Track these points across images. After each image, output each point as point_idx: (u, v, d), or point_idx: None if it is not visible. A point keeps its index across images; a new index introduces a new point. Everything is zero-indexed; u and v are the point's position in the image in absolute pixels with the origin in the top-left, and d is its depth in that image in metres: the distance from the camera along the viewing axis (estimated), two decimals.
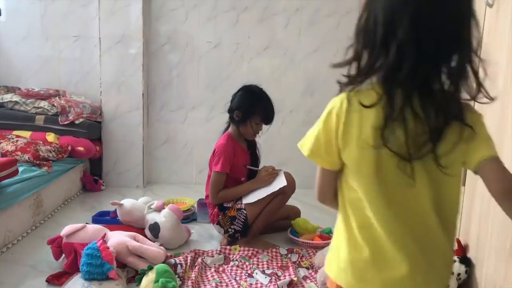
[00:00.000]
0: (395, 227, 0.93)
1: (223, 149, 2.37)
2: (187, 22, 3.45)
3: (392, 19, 0.89)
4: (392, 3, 0.90)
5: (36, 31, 3.47)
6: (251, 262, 2.19)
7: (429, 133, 0.90)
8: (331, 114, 0.98)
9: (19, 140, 2.84)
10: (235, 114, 2.40)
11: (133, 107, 3.38)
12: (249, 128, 2.41)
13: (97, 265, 1.84)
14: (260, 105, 2.40)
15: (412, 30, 0.88)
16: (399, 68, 0.89)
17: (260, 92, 2.44)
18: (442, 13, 0.89)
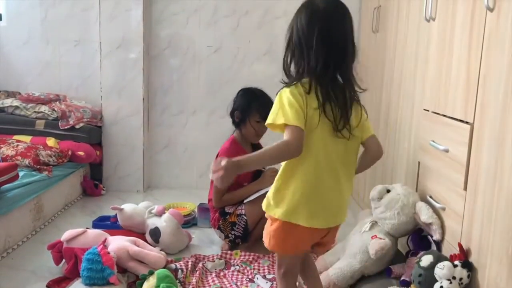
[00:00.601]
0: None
1: (226, 153, 2.37)
2: (188, 26, 3.45)
3: (306, 37, 1.41)
4: (303, 26, 1.42)
5: (36, 36, 3.48)
6: (252, 267, 2.18)
7: (341, 111, 1.43)
8: (295, 94, 1.40)
9: (19, 144, 2.84)
10: (235, 116, 2.43)
11: (134, 112, 3.38)
12: (250, 128, 2.41)
13: (97, 270, 1.83)
14: (257, 102, 2.41)
15: (321, 43, 1.40)
16: (315, 70, 1.41)
17: (256, 91, 2.47)
18: (338, 31, 1.42)
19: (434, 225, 1.80)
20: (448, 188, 1.77)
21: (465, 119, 1.65)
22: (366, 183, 2.95)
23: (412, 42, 2.23)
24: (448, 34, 1.80)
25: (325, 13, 1.42)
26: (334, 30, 1.42)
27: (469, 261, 1.59)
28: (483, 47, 1.53)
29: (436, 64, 1.93)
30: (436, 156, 1.85)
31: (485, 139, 1.51)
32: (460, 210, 1.67)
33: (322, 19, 1.41)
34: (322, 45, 1.39)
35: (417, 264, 1.70)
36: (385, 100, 2.62)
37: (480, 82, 1.55)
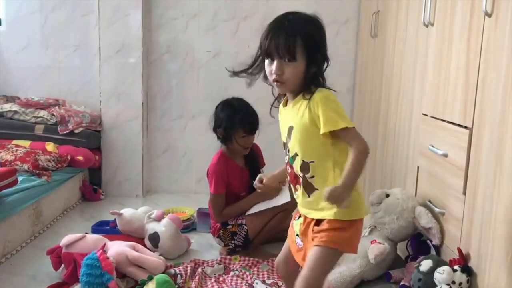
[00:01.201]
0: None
1: (214, 169, 2.34)
2: (187, 31, 3.46)
3: (325, 50, 1.46)
4: (324, 39, 1.48)
5: (36, 41, 3.49)
6: (251, 272, 2.18)
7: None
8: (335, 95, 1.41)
9: (18, 149, 2.84)
10: (219, 133, 2.35)
11: (133, 116, 3.38)
12: (236, 144, 2.33)
13: (96, 276, 1.83)
14: (237, 117, 2.30)
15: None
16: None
17: (235, 103, 2.36)
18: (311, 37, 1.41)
19: (434, 230, 1.80)
20: (447, 193, 1.77)
21: (464, 123, 1.65)
22: (365, 188, 2.96)
23: (411, 47, 2.24)
24: (447, 39, 1.81)
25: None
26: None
27: (468, 265, 1.59)
28: (481, 52, 1.54)
29: (434, 69, 1.93)
30: (435, 161, 1.85)
31: (484, 144, 1.51)
32: (460, 214, 1.67)
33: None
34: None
35: (416, 269, 1.70)
36: (384, 105, 2.63)
37: (478, 87, 1.55)
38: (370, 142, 2.86)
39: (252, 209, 2.35)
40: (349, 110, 3.51)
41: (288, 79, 1.38)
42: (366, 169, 2.95)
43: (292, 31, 1.38)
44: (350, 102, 3.50)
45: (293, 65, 1.37)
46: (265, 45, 1.42)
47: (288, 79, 1.38)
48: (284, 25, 1.41)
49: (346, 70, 3.46)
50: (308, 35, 1.39)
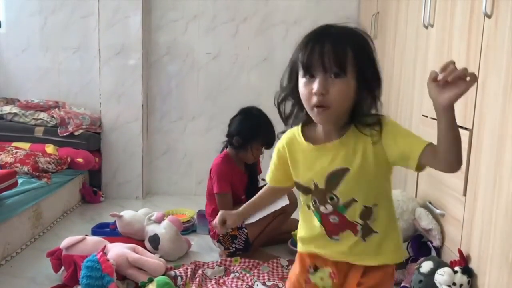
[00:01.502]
0: None
1: (218, 169, 2.35)
2: (187, 33, 3.46)
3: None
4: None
5: (36, 43, 3.49)
6: (252, 273, 2.18)
7: None
8: None
9: (18, 151, 2.83)
10: (235, 140, 2.35)
11: (133, 118, 3.38)
12: (249, 154, 2.37)
13: (97, 278, 1.83)
14: (261, 130, 2.33)
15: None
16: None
17: (259, 116, 2.38)
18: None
19: (434, 231, 1.80)
20: (448, 194, 1.77)
21: (464, 125, 1.65)
22: None
23: (411, 48, 2.24)
24: (447, 40, 1.81)
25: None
26: None
27: (469, 267, 1.59)
28: (481, 53, 1.54)
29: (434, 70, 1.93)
30: None
31: (484, 145, 1.51)
32: (460, 216, 1.67)
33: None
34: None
35: (417, 270, 1.70)
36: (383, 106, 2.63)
37: (478, 88, 1.55)
38: None
39: (252, 217, 2.34)
40: None
41: (336, 100, 1.04)
42: None
43: (340, 39, 1.06)
44: None
45: (342, 82, 1.04)
46: (303, 57, 1.07)
47: (336, 101, 1.04)
48: (330, 33, 1.08)
49: None
50: (360, 46, 1.08)
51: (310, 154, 1.15)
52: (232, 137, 2.36)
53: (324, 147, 1.12)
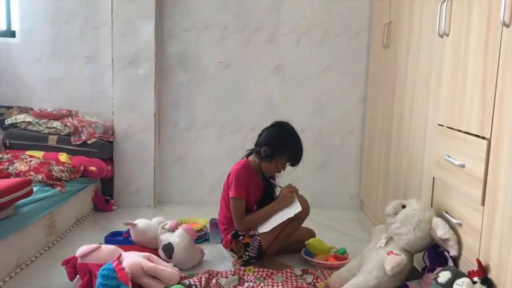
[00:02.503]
0: None
1: (237, 174, 2.35)
2: (199, 42, 3.49)
3: None
4: None
5: (49, 52, 3.53)
6: (266, 283, 2.17)
7: None
8: None
9: (32, 160, 2.85)
10: (263, 150, 2.36)
11: (145, 127, 3.40)
12: (273, 166, 2.38)
13: (113, 286, 1.83)
14: (291, 146, 2.37)
15: None
16: None
17: (291, 132, 2.40)
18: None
19: (451, 241, 1.78)
20: (465, 204, 1.76)
21: (481, 134, 1.64)
22: (378, 199, 2.94)
23: (425, 57, 2.24)
24: (463, 49, 1.81)
25: None
26: None
27: (488, 277, 1.57)
28: (499, 62, 1.53)
29: (450, 79, 1.93)
30: (452, 171, 1.84)
31: (503, 154, 1.50)
32: (478, 225, 1.65)
33: None
34: None
35: (434, 281, 1.68)
36: (396, 115, 2.63)
37: (496, 97, 1.55)
38: (383, 152, 2.85)
39: (265, 226, 2.34)
40: (360, 121, 3.51)
41: None
42: (380, 180, 2.94)
43: None
44: (362, 113, 3.50)
45: None
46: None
47: None
48: None
49: (358, 80, 3.46)
50: None
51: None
52: (261, 146, 2.37)
53: None
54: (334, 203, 3.57)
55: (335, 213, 3.41)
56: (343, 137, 3.55)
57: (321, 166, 3.55)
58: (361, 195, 3.53)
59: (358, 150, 3.55)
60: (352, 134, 3.54)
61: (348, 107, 3.50)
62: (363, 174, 3.49)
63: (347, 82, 3.47)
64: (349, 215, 3.40)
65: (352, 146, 3.56)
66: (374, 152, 3.15)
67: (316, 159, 3.50)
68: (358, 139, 3.54)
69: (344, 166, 3.58)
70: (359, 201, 3.59)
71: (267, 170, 2.41)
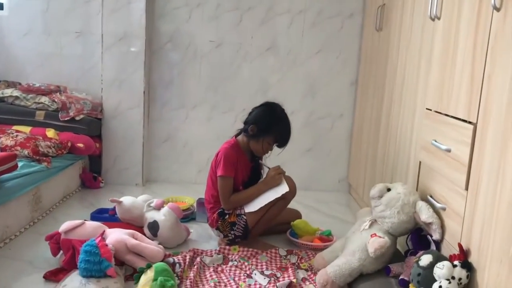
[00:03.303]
0: None
1: (226, 153, 2.34)
2: (190, 21, 3.44)
3: None
4: None
5: (38, 27, 3.47)
6: (250, 262, 2.18)
7: None
8: None
9: (18, 135, 2.82)
10: (250, 128, 2.35)
11: (134, 105, 3.37)
12: (260, 146, 2.37)
13: (95, 262, 1.82)
14: (278, 127, 2.35)
15: None
16: None
17: (281, 114, 2.38)
18: None
19: (434, 225, 1.79)
20: (449, 188, 1.76)
21: (468, 118, 1.64)
22: (366, 182, 2.95)
23: (416, 40, 2.22)
24: (453, 33, 1.79)
25: None
26: None
27: (468, 261, 1.58)
28: (488, 46, 1.52)
29: (440, 63, 1.92)
30: (438, 156, 1.84)
31: (488, 139, 1.50)
32: (461, 210, 1.66)
33: None
34: None
35: (416, 264, 1.70)
36: (387, 99, 2.62)
37: (484, 82, 1.54)
38: (372, 136, 2.85)
39: (251, 206, 2.34)
40: (352, 104, 3.50)
41: None
42: (367, 163, 2.95)
43: None
44: (353, 96, 3.48)
45: None
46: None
47: None
48: None
49: (350, 63, 3.44)
50: None
51: None
52: (249, 125, 2.36)
53: None
54: (323, 186, 3.58)
55: (323, 195, 3.42)
56: (333, 120, 3.54)
57: (311, 149, 3.55)
58: (349, 179, 3.53)
59: (348, 133, 3.55)
60: (343, 117, 3.53)
61: (340, 90, 3.49)
62: (352, 157, 3.49)
63: (340, 65, 3.45)
64: (337, 198, 3.41)
65: (342, 130, 3.55)
66: (363, 136, 3.14)
67: (306, 141, 3.50)
68: (348, 123, 3.53)
69: (333, 149, 3.58)
70: (347, 185, 3.60)
71: (254, 149, 2.41)
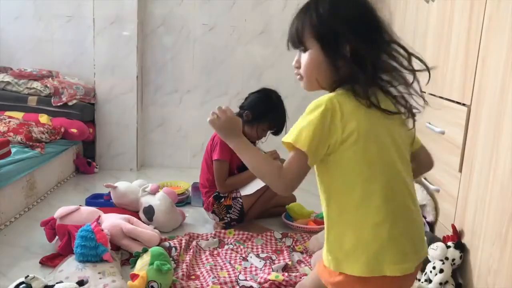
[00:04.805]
0: None
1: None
2: (183, 4, 3.40)
3: None
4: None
5: (28, 11, 3.41)
6: (245, 245, 2.19)
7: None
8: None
9: (11, 121, 2.80)
10: (245, 114, 2.35)
11: (127, 90, 3.34)
12: (254, 132, 2.37)
13: (91, 247, 1.83)
14: (273, 114, 2.35)
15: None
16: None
17: (277, 101, 2.39)
18: None
19: (428, 207, 1.81)
20: (443, 170, 1.78)
21: (462, 101, 1.65)
22: None
23: (410, 23, 2.21)
24: (448, 15, 1.79)
25: None
26: None
27: (462, 242, 1.60)
28: (482, 29, 1.52)
29: (434, 46, 1.92)
30: (432, 138, 1.85)
31: (482, 122, 1.51)
32: (455, 192, 1.68)
33: None
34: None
35: None
36: None
37: (478, 65, 1.54)
38: None
39: (247, 189, 2.35)
40: None
41: (303, 71, 1.13)
42: None
43: (298, 14, 1.12)
44: None
45: (306, 55, 1.12)
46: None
47: (304, 72, 1.13)
48: (301, 8, 1.13)
49: None
50: (319, 15, 1.07)
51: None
52: (245, 110, 2.36)
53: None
54: None
55: None
56: None
57: None
58: None
59: None
60: None
61: None
62: None
63: None
64: None
65: None
66: None
67: None
68: None
69: None
70: None
71: (248, 134, 2.41)
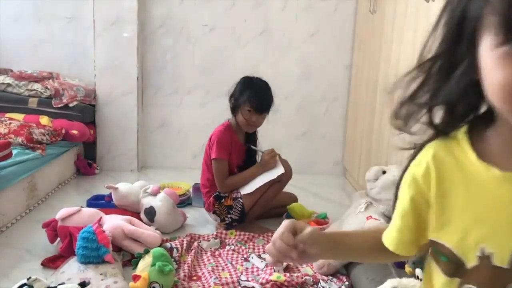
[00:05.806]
0: None
1: (219, 136, 2.35)
2: (183, 4, 3.40)
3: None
4: None
5: (28, 12, 3.42)
6: (247, 246, 2.19)
7: None
8: None
9: (12, 122, 2.80)
10: (231, 103, 2.39)
11: (128, 91, 3.34)
12: (241, 116, 2.37)
13: (93, 249, 1.83)
14: (249, 91, 2.35)
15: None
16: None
17: (253, 80, 2.40)
18: None
19: None
20: None
21: None
22: (361, 165, 2.96)
23: (411, 23, 2.21)
24: None
25: None
26: None
27: None
28: None
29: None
30: None
31: None
32: None
33: None
34: None
35: None
36: (381, 82, 2.61)
37: None
38: (367, 119, 2.85)
39: (248, 187, 2.35)
40: (346, 87, 3.49)
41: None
42: (362, 146, 2.96)
43: None
44: (348, 79, 3.48)
45: None
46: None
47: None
48: None
49: (344, 46, 3.42)
50: None
51: (489, 188, 0.60)
52: (230, 99, 2.40)
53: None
54: (318, 169, 3.59)
55: (318, 179, 3.43)
56: (328, 104, 3.53)
57: (305, 132, 3.55)
58: (344, 162, 3.55)
59: (343, 117, 3.55)
60: (338, 100, 3.53)
61: (334, 73, 3.48)
62: (347, 140, 3.50)
63: (334, 48, 3.43)
64: (332, 182, 3.43)
65: (337, 113, 3.55)
66: (358, 119, 3.15)
67: (301, 125, 3.49)
68: (343, 106, 3.53)
69: (328, 133, 3.58)
70: (342, 168, 3.61)
71: (240, 123, 2.41)
